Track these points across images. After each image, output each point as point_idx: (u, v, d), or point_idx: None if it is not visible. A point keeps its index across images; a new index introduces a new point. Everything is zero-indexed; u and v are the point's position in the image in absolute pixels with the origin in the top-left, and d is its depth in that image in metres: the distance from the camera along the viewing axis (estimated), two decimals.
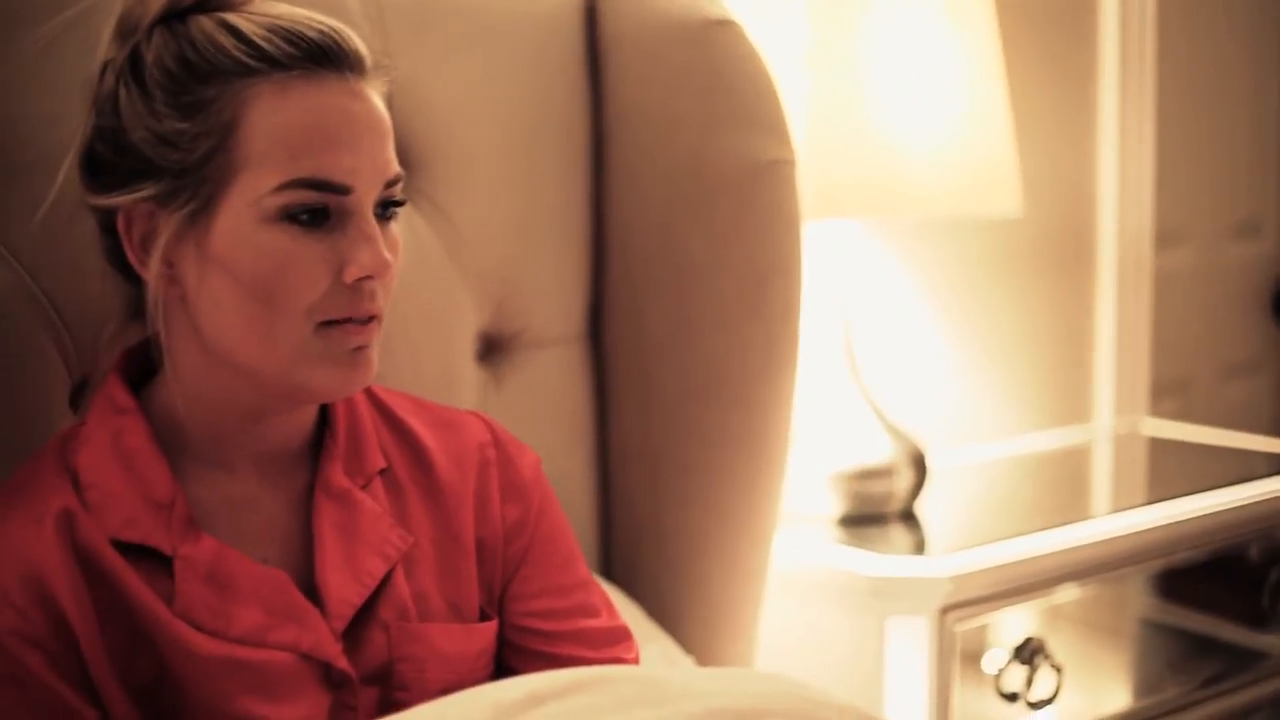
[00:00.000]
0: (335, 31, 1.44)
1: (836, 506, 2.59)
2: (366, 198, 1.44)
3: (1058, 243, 3.46)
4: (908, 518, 2.64)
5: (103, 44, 1.47)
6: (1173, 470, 3.23)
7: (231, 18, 1.44)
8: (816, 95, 2.40)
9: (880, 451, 2.61)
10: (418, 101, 2.00)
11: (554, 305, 2.17)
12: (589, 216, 2.19)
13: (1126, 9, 3.48)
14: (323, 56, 1.43)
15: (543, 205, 2.14)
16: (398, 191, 1.48)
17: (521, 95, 2.12)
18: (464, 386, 2.05)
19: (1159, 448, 3.37)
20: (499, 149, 2.10)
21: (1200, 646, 2.96)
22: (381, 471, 1.59)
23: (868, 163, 2.42)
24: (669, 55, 2.15)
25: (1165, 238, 3.76)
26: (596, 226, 2.20)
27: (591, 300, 2.20)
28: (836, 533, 2.56)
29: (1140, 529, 2.63)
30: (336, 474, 1.55)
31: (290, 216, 1.41)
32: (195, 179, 1.41)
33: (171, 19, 1.45)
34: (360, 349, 1.46)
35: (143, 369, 1.55)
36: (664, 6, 2.17)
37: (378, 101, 1.47)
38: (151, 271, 1.44)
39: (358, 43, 1.46)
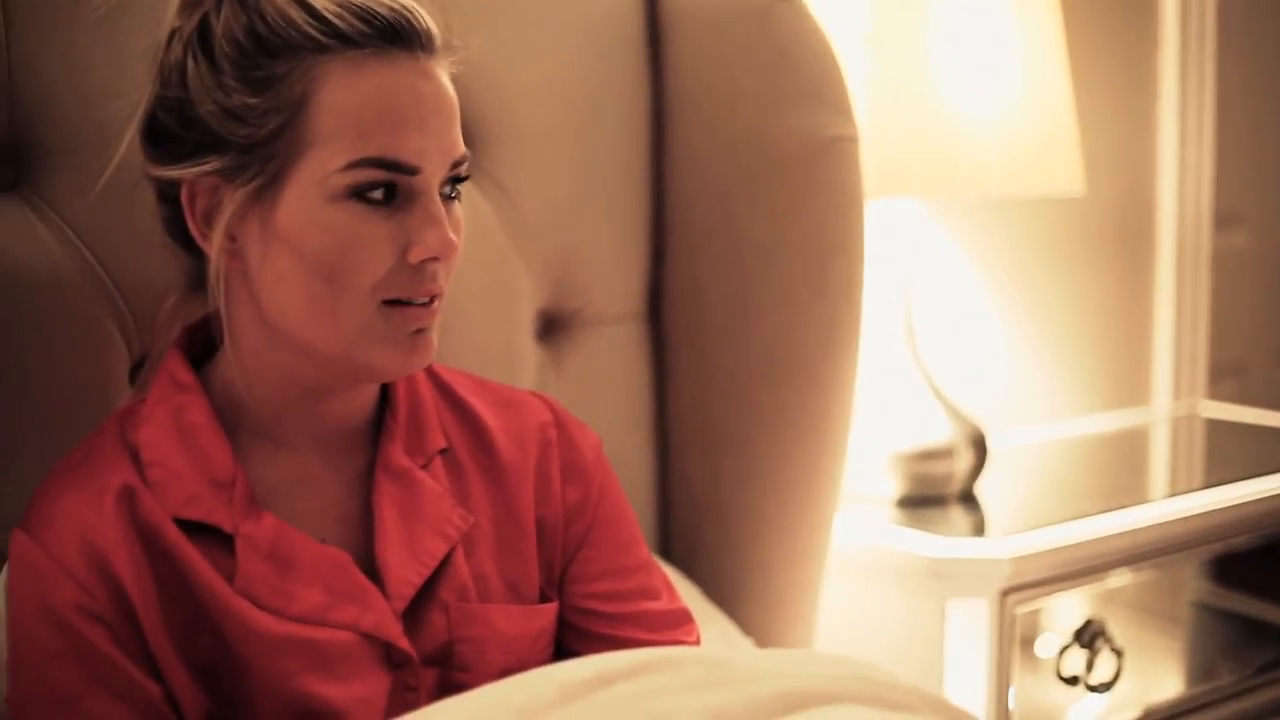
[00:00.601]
0: (407, 9, 1.43)
1: (896, 487, 2.58)
2: (434, 178, 1.43)
3: (1117, 223, 3.44)
4: (967, 499, 2.62)
5: (170, 12, 1.46)
6: (1231, 453, 3.20)
7: None
8: (878, 73, 2.38)
9: (940, 432, 2.59)
10: (481, 81, 1.98)
11: (614, 283, 2.16)
12: (649, 195, 2.17)
13: None
14: (395, 35, 1.41)
15: (603, 183, 2.13)
16: (463, 170, 1.47)
17: (582, 74, 2.12)
18: (524, 365, 2.05)
19: (1217, 430, 3.34)
20: (560, 127, 2.09)
21: (1255, 632, 2.94)
22: (442, 451, 1.58)
23: (929, 141, 2.40)
24: (732, 31, 2.14)
25: (1223, 219, 3.73)
26: (657, 205, 2.18)
27: (651, 279, 2.19)
28: (896, 514, 2.54)
29: (1197, 512, 2.60)
30: (397, 453, 1.54)
31: (357, 195, 1.40)
32: (263, 155, 1.40)
33: None
34: (421, 331, 1.45)
35: (204, 346, 1.54)
36: None
37: (446, 81, 1.46)
38: (214, 245, 1.43)
39: (429, 21, 1.45)
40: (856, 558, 2.42)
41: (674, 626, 1.64)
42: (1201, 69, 3.51)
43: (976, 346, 3.19)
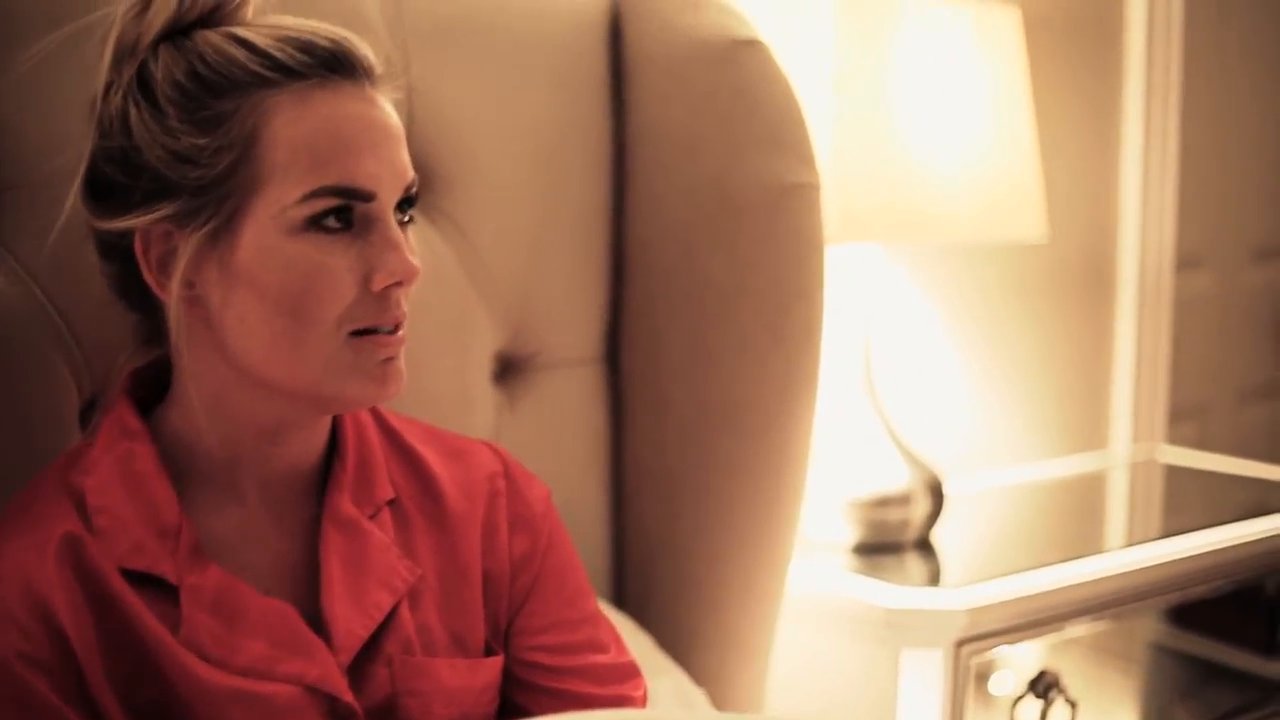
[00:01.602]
0: (345, 39, 1.44)
1: (853, 534, 2.57)
2: (389, 203, 1.43)
3: (1078, 267, 3.44)
4: (924, 546, 2.62)
5: (104, 64, 1.45)
6: (1189, 499, 3.21)
7: (239, 31, 1.42)
8: (842, 118, 2.37)
9: (897, 479, 2.58)
10: (439, 117, 1.98)
11: (572, 326, 2.14)
12: (609, 237, 2.16)
13: (1152, 33, 3.46)
14: (337, 64, 1.42)
15: (564, 225, 2.12)
16: (413, 193, 1.46)
17: (543, 113, 2.10)
18: (480, 407, 2.03)
19: (1175, 475, 3.34)
20: (519, 167, 2.08)
21: (1213, 676, 2.94)
22: (390, 501, 1.57)
23: (893, 187, 2.40)
24: (693, 75, 2.13)
25: (1185, 261, 3.74)
26: (616, 247, 2.17)
27: (610, 322, 2.18)
28: (852, 560, 2.54)
29: (1155, 563, 2.60)
30: (345, 503, 1.53)
31: (316, 225, 1.39)
32: (216, 195, 1.39)
33: (174, 36, 1.42)
34: (390, 360, 1.44)
35: (152, 390, 1.52)
36: (689, 25, 2.14)
37: (389, 108, 1.46)
38: (172, 294, 1.42)
39: (367, 49, 1.45)
40: (811, 605, 2.42)
41: (621, 680, 1.63)
42: (1165, 111, 3.51)
43: (937, 392, 3.19)
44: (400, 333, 1.45)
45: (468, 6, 2.06)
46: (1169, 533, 2.76)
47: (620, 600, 2.20)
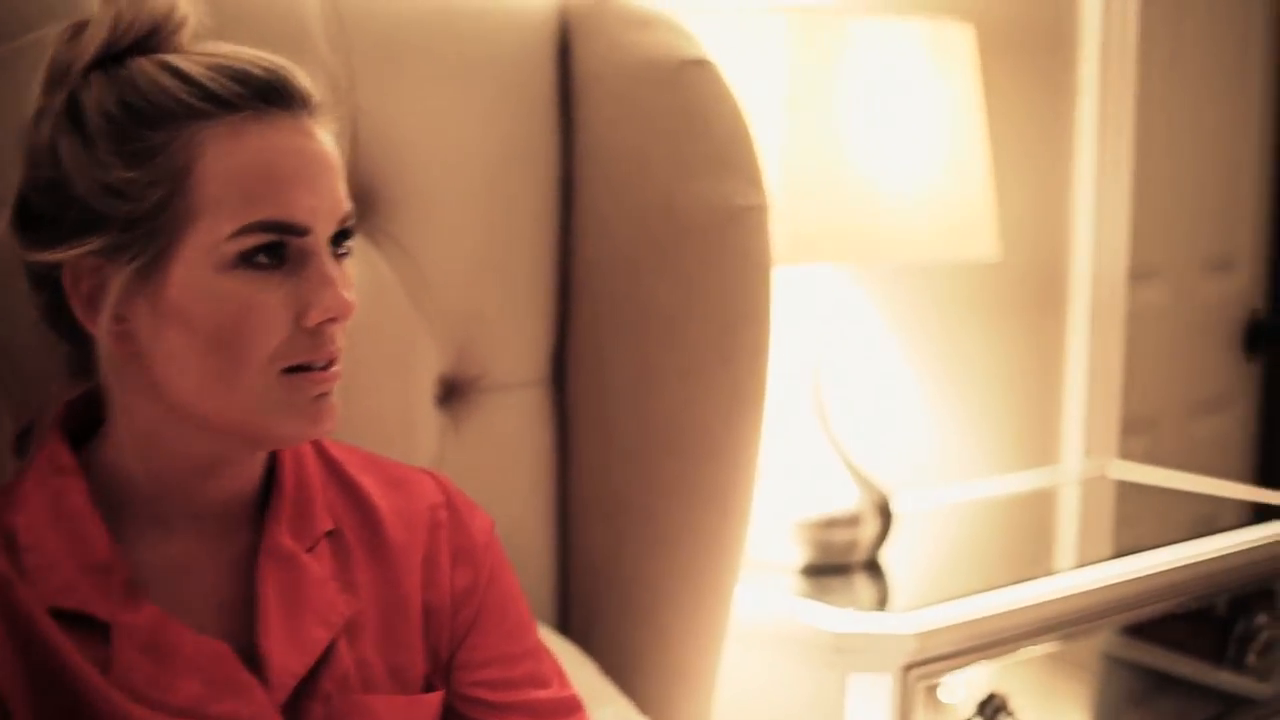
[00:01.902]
0: (282, 69, 1.40)
1: (801, 555, 2.55)
2: (323, 237, 1.40)
3: (1032, 283, 3.44)
4: (873, 567, 2.61)
5: (35, 91, 1.42)
6: (1140, 515, 3.21)
7: (173, 59, 1.39)
8: (794, 138, 2.36)
9: (846, 499, 2.57)
10: (384, 138, 1.96)
11: (518, 348, 2.12)
12: (556, 258, 2.14)
13: (1106, 47, 3.45)
14: (272, 95, 1.39)
15: (510, 247, 2.10)
16: (350, 225, 1.44)
17: (490, 133, 2.08)
18: (423, 431, 2.01)
19: (1127, 491, 3.34)
20: (466, 188, 2.05)
21: (1165, 686, 2.94)
22: (328, 533, 1.54)
23: (845, 207, 2.38)
24: (641, 95, 2.11)
25: (1139, 274, 3.73)
26: (564, 269, 2.15)
27: (557, 344, 2.16)
28: (800, 583, 2.52)
29: (1106, 584, 2.60)
30: (281, 536, 1.50)
31: (248, 262, 1.36)
32: (146, 230, 1.36)
33: (107, 62, 1.39)
34: (323, 396, 1.41)
35: (86, 420, 1.50)
36: (637, 45, 2.12)
37: (327, 139, 1.43)
38: (101, 328, 1.39)
39: (305, 80, 1.42)
40: (757, 629, 2.40)
41: (563, 715, 1.61)
42: (1120, 124, 3.51)
43: (889, 410, 3.18)
44: (335, 368, 1.42)
45: (415, 26, 2.03)
46: (1121, 551, 2.76)
47: (565, 627, 2.18)
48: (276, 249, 1.37)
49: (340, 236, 1.43)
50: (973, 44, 2.57)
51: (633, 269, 2.10)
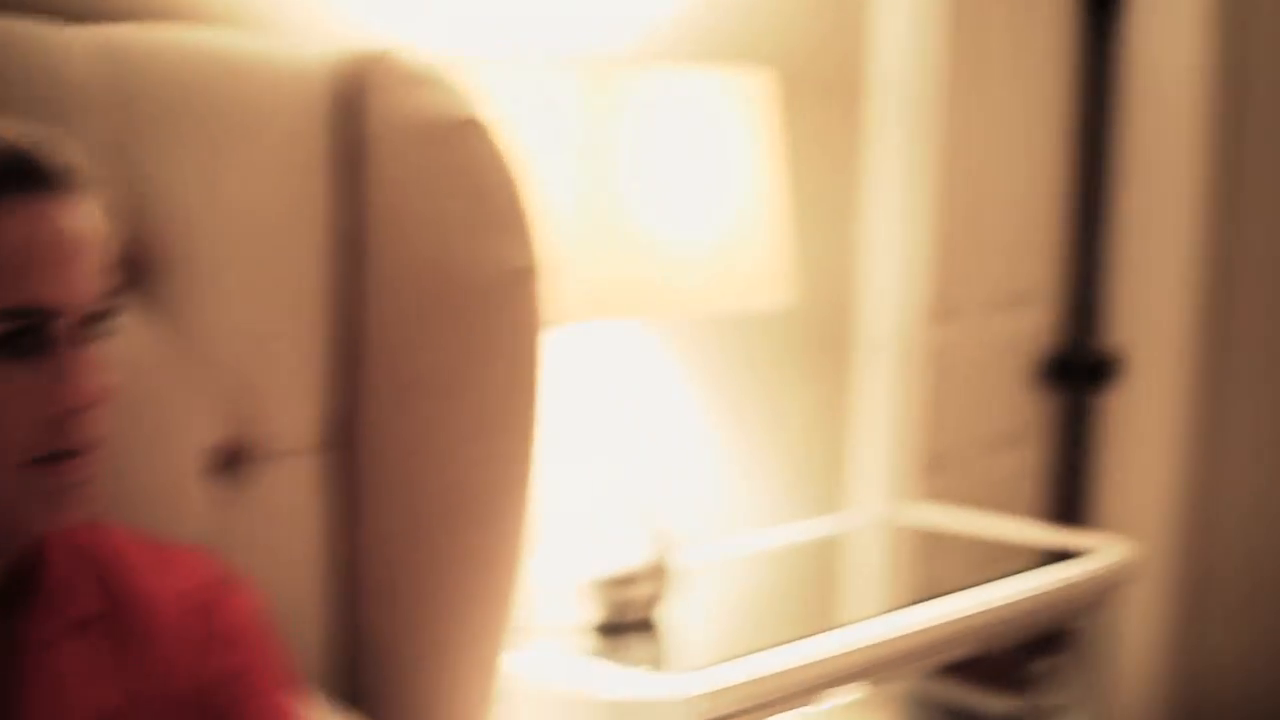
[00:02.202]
0: (31, 150, 1.35)
1: (587, 615, 2.52)
2: (75, 320, 1.35)
3: (824, 328, 3.43)
4: (660, 625, 2.58)
5: None
6: (936, 558, 3.23)
7: None
8: (585, 192, 2.34)
9: (632, 557, 2.54)
10: (162, 201, 1.92)
11: (297, 416, 2.08)
12: (337, 323, 2.10)
13: (903, 83, 3.45)
14: (22, 178, 1.33)
15: (289, 310, 2.07)
16: (108, 306, 1.39)
17: (270, 195, 2.04)
18: (192, 505, 1.96)
19: (922, 534, 3.36)
20: (244, 252, 2.02)
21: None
22: (88, 619, 1.49)
23: (636, 262, 2.37)
24: (417, 154, 2.09)
25: (939, 311, 3.75)
26: (355, 332, 2.11)
27: (340, 411, 2.12)
28: (587, 642, 2.48)
29: (899, 634, 2.61)
30: (34, 627, 1.45)
31: None
32: None
33: None
34: (79, 484, 1.36)
35: None
36: (412, 103, 2.10)
37: (89, 214, 1.38)
38: None
39: (62, 155, 1.37)
40: (537, 696, 2.36)
41: None
42: (918, 163, 3.51)
43: (683, 462, 3.15)
44: (93, 454, 1.37)
45: (195, 85, 1.99)
46: (916, 597, 2.76)
47: (350, 698, 2.13)
48: (24, 335, 1.32)
49: (99, 316, 1.38)
50: (771, 89, 2.57)
51: (415, 332, 2.08)
